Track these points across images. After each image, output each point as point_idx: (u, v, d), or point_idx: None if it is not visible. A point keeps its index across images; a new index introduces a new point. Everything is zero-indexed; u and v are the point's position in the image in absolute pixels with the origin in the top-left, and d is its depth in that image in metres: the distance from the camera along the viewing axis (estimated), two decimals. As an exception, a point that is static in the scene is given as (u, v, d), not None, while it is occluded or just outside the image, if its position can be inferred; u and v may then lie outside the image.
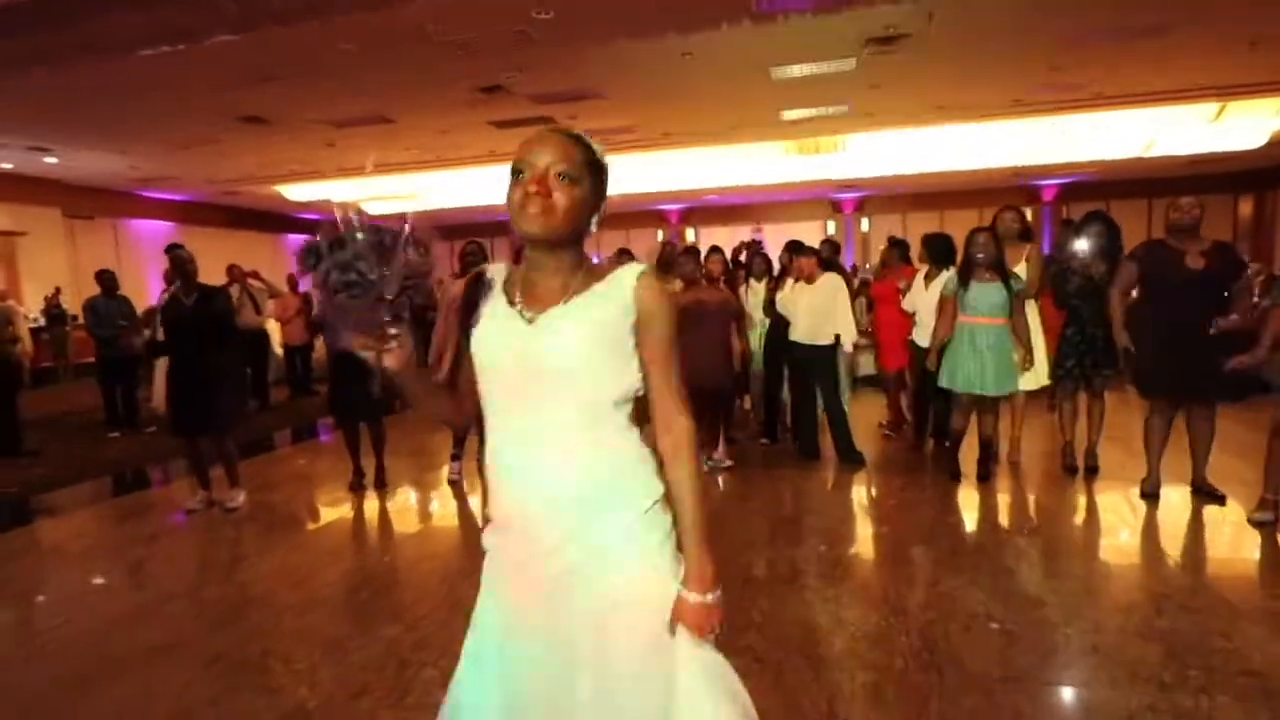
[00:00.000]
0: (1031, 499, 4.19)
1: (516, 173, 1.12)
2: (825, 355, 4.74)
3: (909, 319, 4.98)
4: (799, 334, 4.79)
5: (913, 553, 3.31)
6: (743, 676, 2.21)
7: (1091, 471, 4.35)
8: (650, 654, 1.11)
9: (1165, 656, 2.31)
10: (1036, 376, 4.42)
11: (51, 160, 10.03)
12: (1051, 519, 3.83)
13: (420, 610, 2.85)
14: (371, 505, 4.33)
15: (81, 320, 6.23)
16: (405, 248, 1.00)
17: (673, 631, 1.11)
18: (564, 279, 1.13)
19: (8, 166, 10.24)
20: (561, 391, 1.10)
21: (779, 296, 5.13)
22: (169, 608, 3.02)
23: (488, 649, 1.18)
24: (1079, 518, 3.81)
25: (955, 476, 4.31)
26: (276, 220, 15.74)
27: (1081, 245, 4.17)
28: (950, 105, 9.63)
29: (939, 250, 4.83)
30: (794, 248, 5.38)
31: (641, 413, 1.17)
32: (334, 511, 4.28)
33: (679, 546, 1.15)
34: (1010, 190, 14.76)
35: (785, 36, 6.79)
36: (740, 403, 6.32)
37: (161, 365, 5.13)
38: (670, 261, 5.55)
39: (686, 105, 9.24)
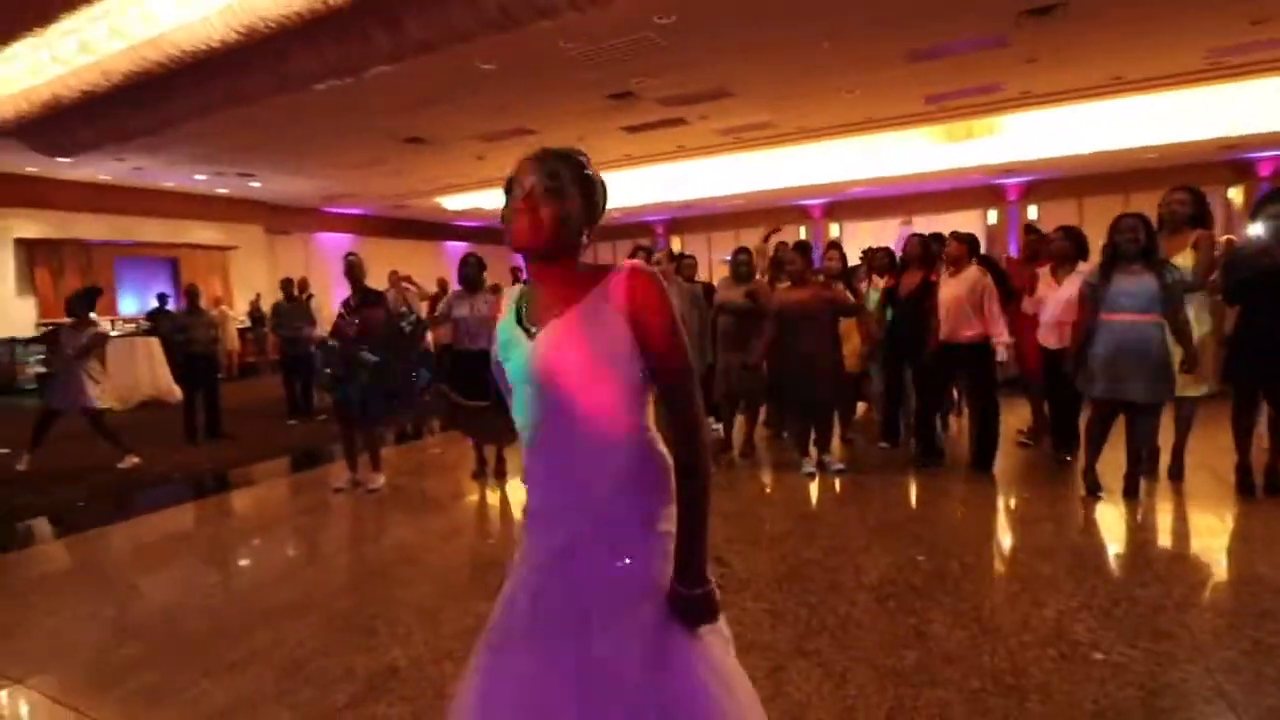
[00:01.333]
0: (1184, 520, 3.67)
1: (507, 191, 1.20)
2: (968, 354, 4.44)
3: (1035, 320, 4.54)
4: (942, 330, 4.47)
5: (1021, 570, 3.04)
6: (805, 681, 2.21)
7: (1274, 492, 3.73)
8: (651, 650, 1.12)
9: (1310, 710, 1.97)
10: (1203, 381, 3.87)
11: (256, 184, 11.72)
12: (1204, 544, 3.34)
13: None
14: (490, 493, 4.67)
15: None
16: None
17: (669, 623, 1.13)
18: (562, 290, 1.19)
19: (223, 191, 12.11)
20: (570, 400, 1.15)
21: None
22: (305, 572, 3.48)
23: (504, 632, 1.22)
24: (1240, 544, 3.29)
25: (1093, 492, 3.87)
26: (437, 228, 17.23)
27: (1257, 229, 3.57)
28: (1130, 75, 8.57)
29: (1069, 244, 4.37)
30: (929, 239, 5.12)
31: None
32: (455, 497, 4.66)
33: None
34: (1215, 166, 12.85)
35: (926, 16, 6.42)
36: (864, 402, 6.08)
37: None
38: (781, 260, 5.47)
39: (822, 97, 8.97)
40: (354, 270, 4.65)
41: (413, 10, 5.43)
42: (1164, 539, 3.47)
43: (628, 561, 1.14)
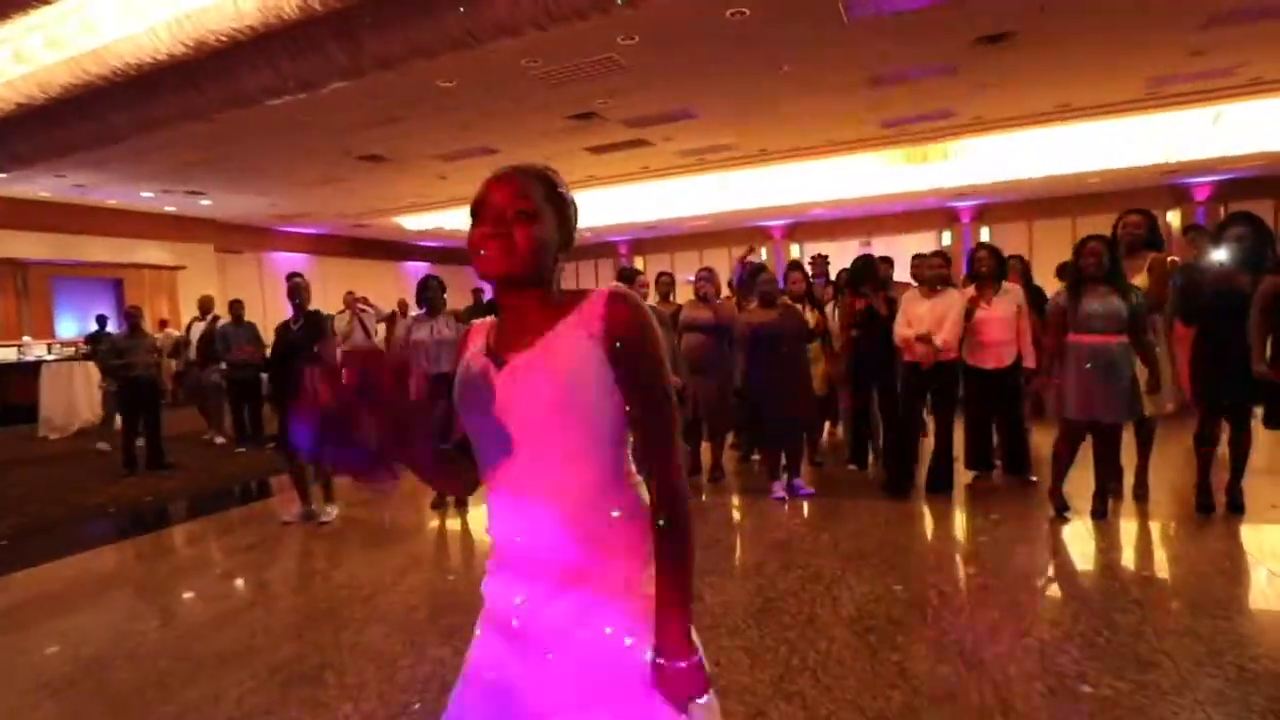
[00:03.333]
0: (1154, 541, 3.68)
1: (474, 214, 1.05)
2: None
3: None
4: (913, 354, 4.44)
5: (1000, 598, 2.97)
6: (787, 725, 2.07)
7: (1236, 510, 3.76)
8: None
9: (1301, 743, 1.92)
10: (1163, 401, 3.91)
11: (205, 202, 11.33)
12: (1174, 566, 3.34)
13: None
14: (450, 524, 4.47)
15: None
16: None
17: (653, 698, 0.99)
18: (534, 318, 1.05)
19: (170, 209, 11.67)
20: (537, 441, 1.02)
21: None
22: (246, 615, 3.23)
23: (473, 693, 1.11)
24: (1208, 565, 3.29)
25: (1061, 513, 3.86)
26: (397, 248, 16.90)
27: (1220, 253, 3.63)
28: (1075, 103, 8.87)
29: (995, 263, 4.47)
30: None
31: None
32: (414, 529, 4.45)
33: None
34: (1156, 190, 13.37)
35: (883, 44, 6.52)
36: (831, 426, 6.05)
37: None
38: (751, 281, 5.42)
39: (782, 120, 9.07)
40: (298, 292, 4.43)
41: (371, 26, 5.28)
42: (1136, 561, 3.45)
43: (607, 631, 1.00)
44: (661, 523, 1.02)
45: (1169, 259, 4.46)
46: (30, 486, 5.31)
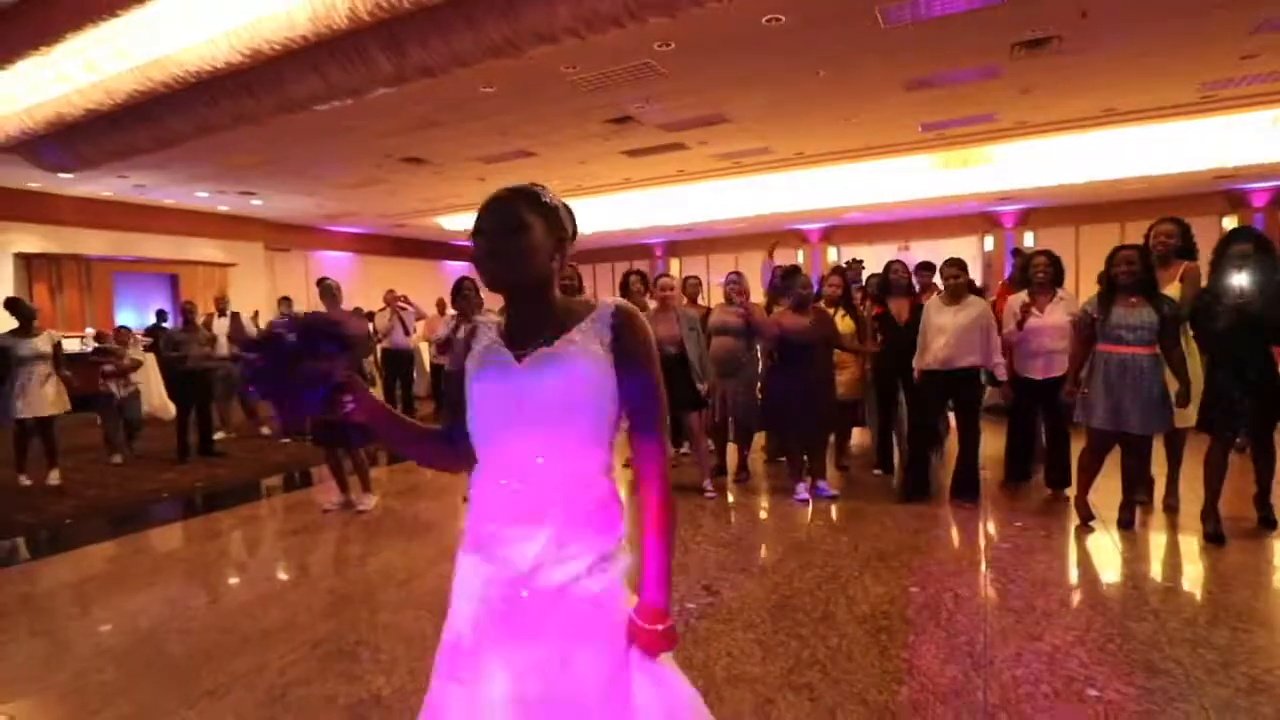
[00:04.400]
0: (1178, 553, 3.64)
1: (474, 236, 1.21)
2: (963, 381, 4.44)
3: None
4: (935, 359, 4.42)
5: (1015, 603, 3.00)
6: (794, 716, 2.17)
7: (1267, 525, 3.70)
8: (609, 684, 1.13)
9: (1306, 752, 1.93)
10: (1192, 413, 3.86)
11: (256, 202, 11.78)
12: (1197, 577, 3.31)
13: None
14: (482, 515, 4.62)
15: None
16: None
17: (628, 652, 1.14)
18: (544, 320, 1.20)
19: (224, 208, 12.17)
20: (547, 427, 1.16)
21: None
22: (289, 595, 3.43)
23: (456, 663, 1.24)
24: (1232, 578, 3.25)
25: (1087, 522, 3.85)
26: (437, 248, 17.29)
27: (1234, 279, 3.53)
28: (1122, 107, 8.68)
29: (1051, 270, 4.41)
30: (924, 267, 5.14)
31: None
32: (447, 520, 4.62)
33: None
34: (1210, 195, 12.96)
35: (921, 49, 6.51)
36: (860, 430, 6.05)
37: None
38: (785, 284, 5.48)
39: (819, 124, 9.07)
40: (330, 294, 4.67)
41: (415, 35, 5.48)
42: (1158, 571, 3.43)
43: (586, 589, 1.14)
44: (652, 500, 1.18)
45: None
46: (91, 472, 5.65)
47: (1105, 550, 3.60)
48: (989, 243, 15.35)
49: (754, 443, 5.40)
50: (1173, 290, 3.85)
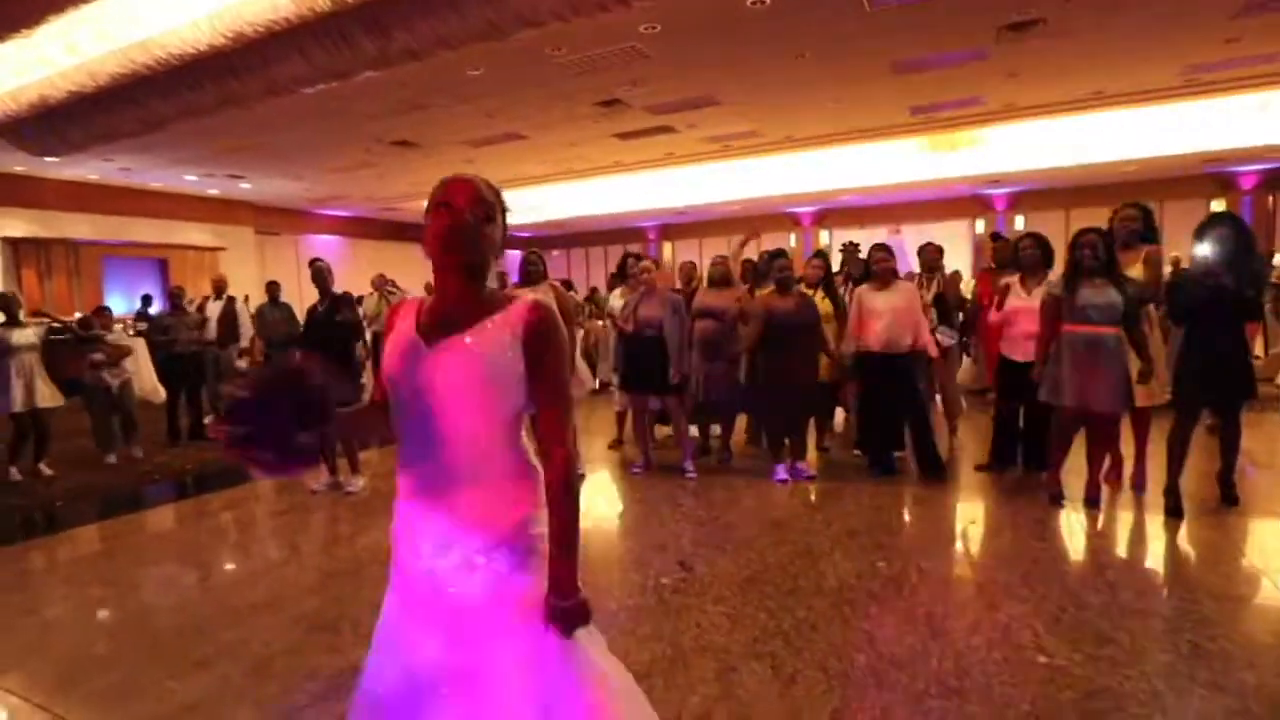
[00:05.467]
0: (1141, 529, 3.75)
1: (437, 208, 1.26)
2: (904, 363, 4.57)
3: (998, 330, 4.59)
4: (877, 341, 4.58)
5: (977, 576, 3.11)
6: (755, 683, 2.27)
7: (1229, 502, 3.82)
8: (528, 656, 1.21)
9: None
10: (1160, 391, 3.96)
11: (245, 186, 11.74)
12: (1156, 553, 3.43)
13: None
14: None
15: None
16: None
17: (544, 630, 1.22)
18: (467, 308, 1.26)
19: (213, 192, 12.14)
20: (453, 413, 1.23)
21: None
22: (276, 572, 3.53)
23: (387, 638, 1.33)
24: (1189, 552, 3.38)
25: (1056, 500, 3.96)
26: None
27: (1204, 251, 3.65)
28: (1109, 90, 8.72)
29: (1038, 253, 4.45)
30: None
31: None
32: (435, 499, 4.71)
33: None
34: (1199, 179, 13.02)
35: (907, 32, 6.53)
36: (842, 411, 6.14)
37: None
38: (768, 266, 5.54)
39: (806, 107, 9.08)
40: (320, 276, 4.73)
41: (399, 18, 5.48)
42: (1119, 547, 3.55)
43: (498, 569, 1.22)
44: (556, 484, 1.25)
45: (1173, 255, 4.44)
46: (84, 454, 5.71)
47: (1070, 527, 3.71)
48: (980, 226, 15.40)
49: (736, 424, 5.48)
50: (1135, 272, 3.94)
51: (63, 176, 10.56)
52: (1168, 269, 4.21)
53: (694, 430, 5.43)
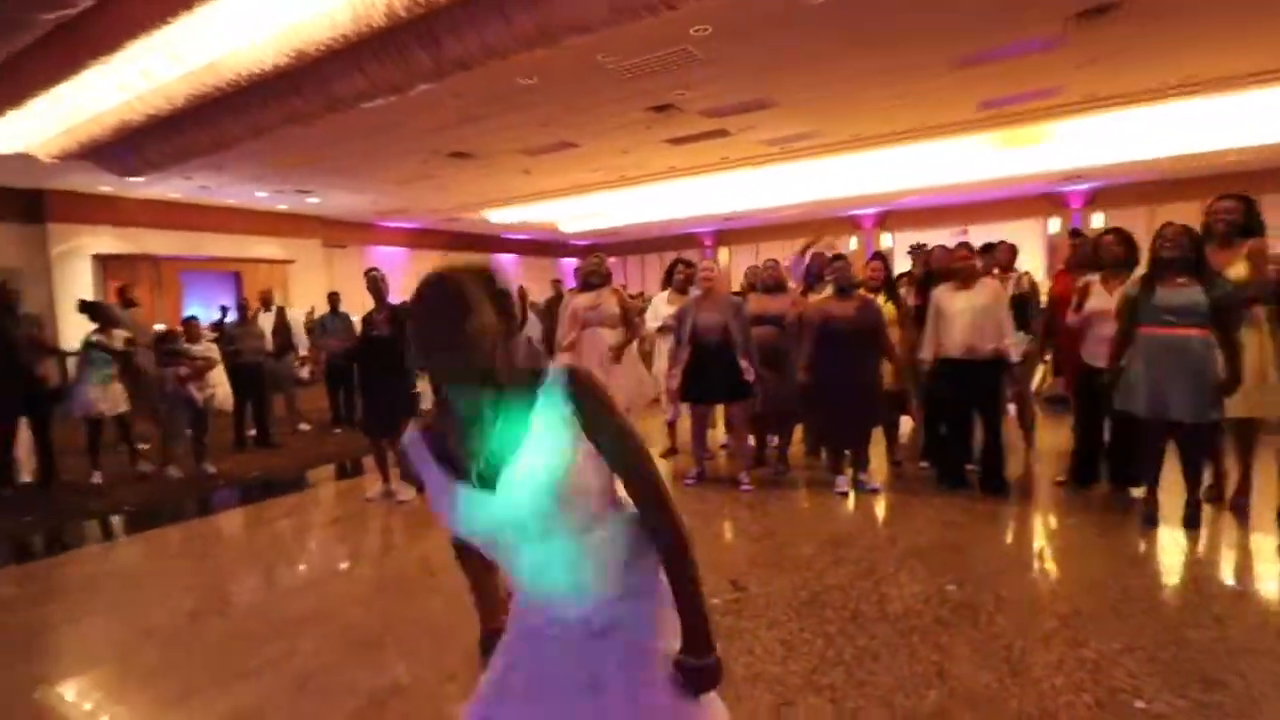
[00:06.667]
0: (1250, 554, 3.37)
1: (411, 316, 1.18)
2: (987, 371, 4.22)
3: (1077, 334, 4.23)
4: (955, 346, 4.27)
5: (1061, 606, 2.83)
6: (812, 717, 2.09)
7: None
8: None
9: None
10: (1256, 402, 3.55)
11: (313, 200, 12.15)
12: (1269, 582, 3.05)
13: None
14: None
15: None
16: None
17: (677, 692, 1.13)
18: (501, 413, 1.11)
19: (282, 207, 12.60)
20: (544, 520, 1.09)
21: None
22: (325, 583, 3.52)
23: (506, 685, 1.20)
24: (1316, 583, 3.00)
25: (1150, 521, 3.61)
26: (487, 241, 17.54)
27: None
28: (1203, 75, 8.11)
29: (1122, 249, 4.10)
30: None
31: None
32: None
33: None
34: (1308, 167, 12.01)
35: (972, 21, 6.20)
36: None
37: None
38: (819, 272, 5.32)
39: (867, 105, 8.78)
40: (375, 285, 4.79)
41: (449, 29, 5.53)
42: (1225, 575, 3.19)
43: (632, 636, 1.14)
44: (662, 542, 1.15)
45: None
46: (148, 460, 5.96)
47: (1166, 551, 3.37)
48: (1054, 225, 14.62)
49: (793, 434, 5.26)
50: (1238, 270, 3.55)
51: (146, 195, 11.15)
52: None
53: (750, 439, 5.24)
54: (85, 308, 6.09)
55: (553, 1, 5.03)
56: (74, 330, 10.53)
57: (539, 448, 1.07)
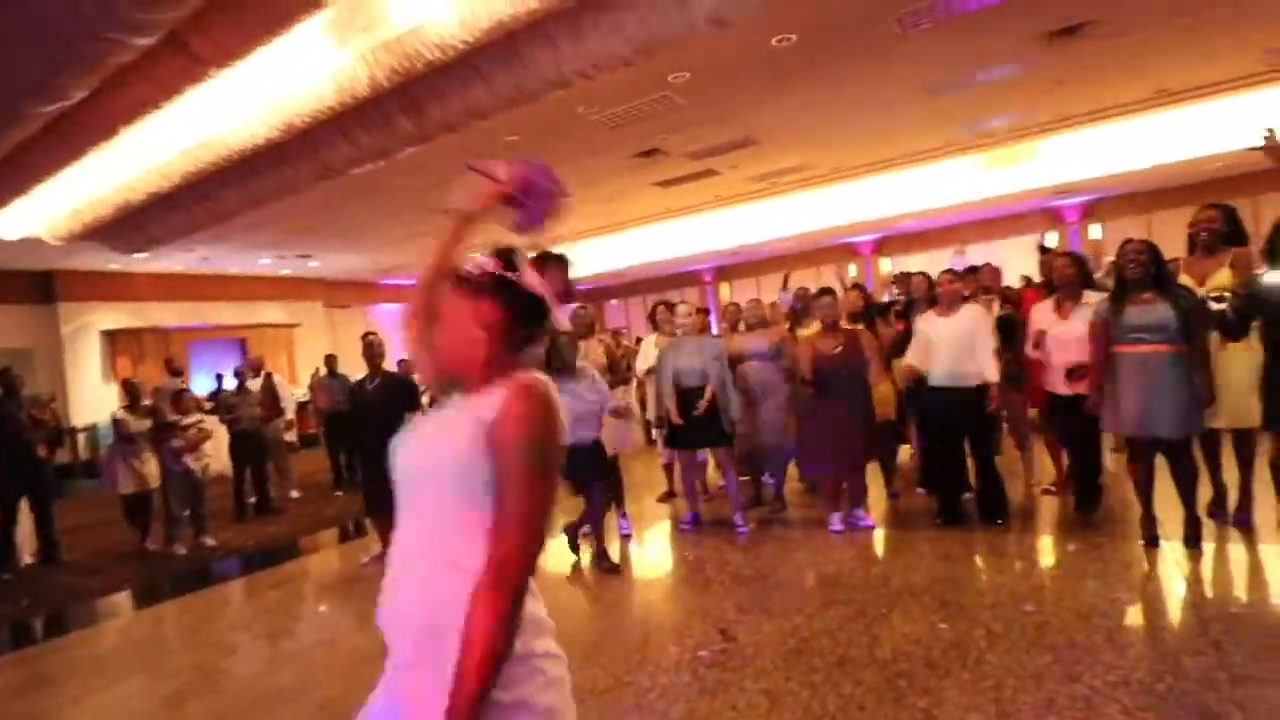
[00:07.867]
0: (1252, 573, 3.26)
1: None
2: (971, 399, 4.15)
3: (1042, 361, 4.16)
4: (938, 375, 4.23)
5: (1054, 638, 2.73)
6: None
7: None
8: None
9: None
10: (1248, 412, 3.47)
11: (314, 263, 12.40)
12: (1274, 602, 2.95)
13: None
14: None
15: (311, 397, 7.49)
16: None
17: None
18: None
19: (285, 271, 12.85)
20: (422, 498, 1.13)
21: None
22: (308, 655, 3.48)
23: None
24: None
25: (1151, 542, 3.51)
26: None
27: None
28: (1174, 86, 8.18)
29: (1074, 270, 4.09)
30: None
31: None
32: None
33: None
34: (1297, 170, 11.94)
35: (942, 51, 6.30)
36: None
37: None
38: (805, 307, 5.33)
39: (848, 137, 8.90)
40: (369, 350, 4.75)
41: (431, 95, 5.69)
42: (1224, 597, 3.07)
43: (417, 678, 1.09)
44: (465, 627, 1.01)
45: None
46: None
47: (1164, 573, 3.27)
48: (1051, 239, 14.57)
49: (788, 470, 5.20)
50: (1222, 279, 3.52)
51: (152, 270, 11.42)
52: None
53: (746, 477, 5.19)
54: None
55: (526, 60, 5.17)
56: (86, 408, 10.75)
57: (455, 421, 1.12)
